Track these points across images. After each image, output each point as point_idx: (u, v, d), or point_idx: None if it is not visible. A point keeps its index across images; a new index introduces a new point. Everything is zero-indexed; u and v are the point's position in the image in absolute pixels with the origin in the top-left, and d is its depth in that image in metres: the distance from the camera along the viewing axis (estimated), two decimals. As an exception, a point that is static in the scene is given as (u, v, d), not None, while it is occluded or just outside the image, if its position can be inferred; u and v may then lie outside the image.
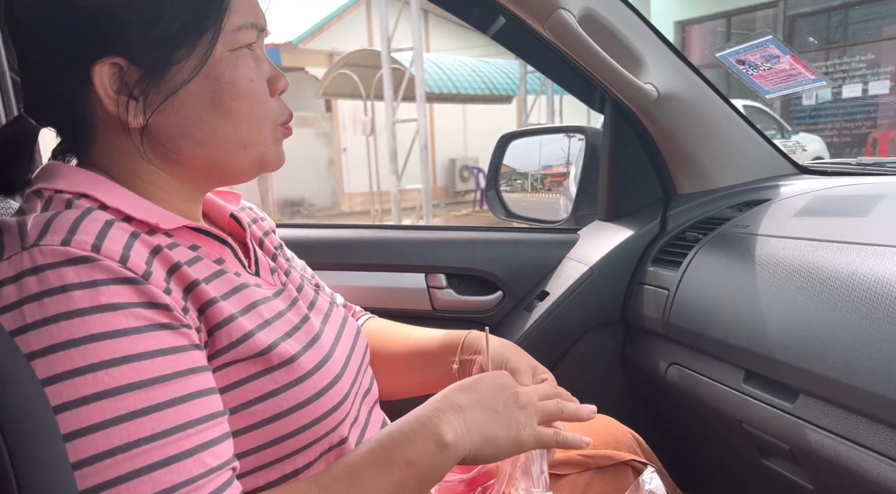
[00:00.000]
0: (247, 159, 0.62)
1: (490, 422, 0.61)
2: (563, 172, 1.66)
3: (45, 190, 0.57)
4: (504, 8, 1.11)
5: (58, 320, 0.46)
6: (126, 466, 0.45)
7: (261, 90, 0.61)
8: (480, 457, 0.61)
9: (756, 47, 1.07)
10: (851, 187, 1.08)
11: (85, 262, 0.48)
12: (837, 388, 0.76)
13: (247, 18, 0.60)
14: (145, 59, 0.56)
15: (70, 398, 0.45)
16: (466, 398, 0.62)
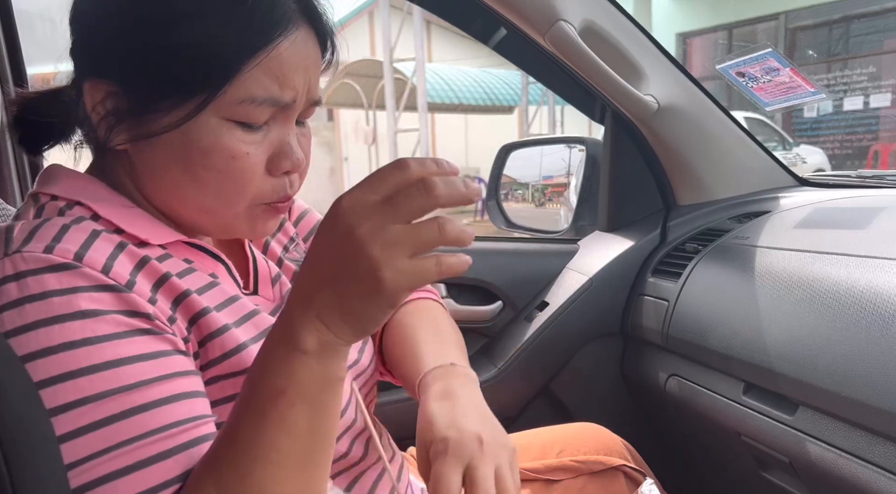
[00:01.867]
0: (209, 223, 0.58)
1: (342, 296, 0.43)
2: (563, 182, 1.67)
3: (41, 195, 0.56)
4: (505, 20, 1.12)
5: (37, 326, 0.46)
6: (106, 467, 0.45)
7: (245, 170, 0.54)
8: (360, 333, 0.45)
9: (756, 60, 1.08)
10: (851, 200, 1.08)
11: (66, 269, 0.48)
12: (837, 401, 0.76)
13: (263, 93, 0.53)
14: (133, 93, 0.54)
15: (53, 405, 0.45)
16: (311, 281, 0.44)
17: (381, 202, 0.41)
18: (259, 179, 0.56)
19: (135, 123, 0.54)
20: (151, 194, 0.58)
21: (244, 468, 0.45)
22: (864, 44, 8.80)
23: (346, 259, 0.42)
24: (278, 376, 0.45)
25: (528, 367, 1.27)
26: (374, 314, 0.43)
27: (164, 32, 0.52)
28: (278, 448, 0.45)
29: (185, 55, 0.51)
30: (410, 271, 0.42)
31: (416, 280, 0.42)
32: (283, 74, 0.53)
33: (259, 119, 0.54)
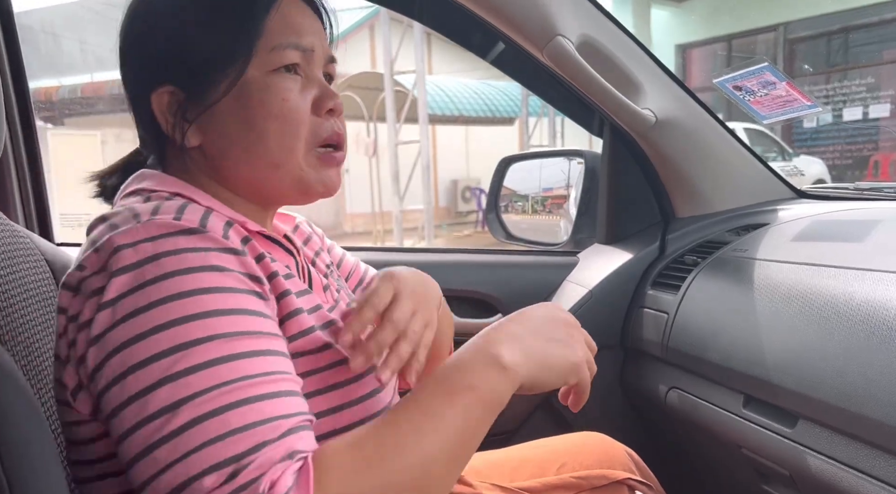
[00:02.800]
0: (282, 181, 0.65)
1: (544, 347, 0.62)
2: (563, 194, 1.67)
3: (142, 191, 0.63)
4: (504, 35, 1.13)
5: (174, 275, 0.52)
6: (220, 401, 0.49)
7: (295, 110, 0.64)
8: (538, 382, 0.60)
9: (752, 74, 1.09)
10: (849, 212, 1.08)
11: (195, 233, 0.55)
12: (836, 414, 0.76)
13: (284, 39, 0.64)
14: (188, 84, 0.63)
15: (183, 341, 0.50)
16: (519, 326, 0.62)
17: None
18: (308, 119, 0.65)
19: (197, 107, 0.63)
20: (230, 172, 0.65)
21: (397, 448, 0.51)
22: (863, 55, 8.84)
23: (557, 331, 0.63)
24: (474, 376, 0.56)
25: (528, 380, 1.27)
26: (558, 370, 0.62)
27: (196, 24, 0.63)
28: (442, 435, 0.53)
29: (217, 33, 0.62)
30: (588, 359, 0.65)
31: (588, 366, 0.64)
32: (293, 24, 0.65)
33: (290, 60, 0.64)
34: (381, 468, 0.50)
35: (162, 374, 0.49)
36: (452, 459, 0.54)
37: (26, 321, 0.72)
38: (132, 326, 0.50)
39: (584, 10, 1.11)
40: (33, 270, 0.78)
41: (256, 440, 0.48)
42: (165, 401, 0.48)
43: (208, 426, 0.48)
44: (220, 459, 0.47)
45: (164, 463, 0.47)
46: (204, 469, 0.47)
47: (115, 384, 0.50)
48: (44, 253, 0.81)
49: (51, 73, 8.67)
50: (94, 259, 0.54)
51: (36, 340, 0.73)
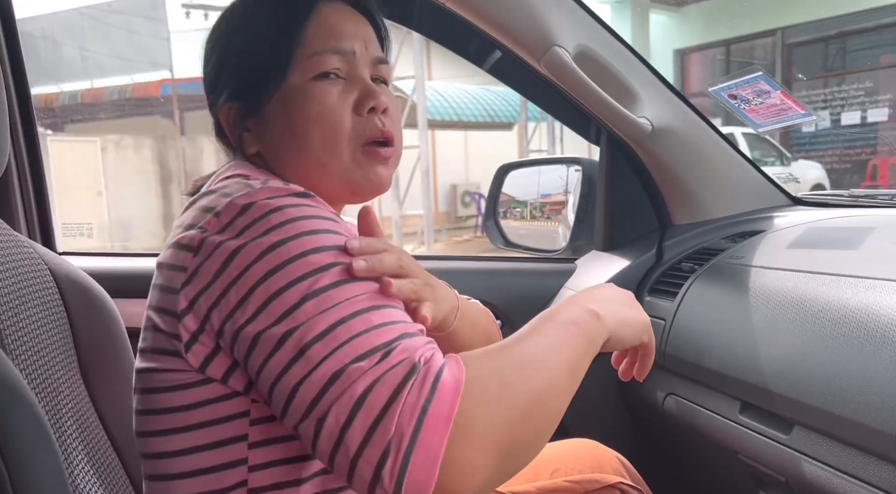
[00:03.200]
0: (331, 181, 0.70)
1: (620, 309, 0.69)
2: (561, 200, 1.68)
3: (238, 176, 0.66)
4: (501, 45, 1.14)
5: (298, 220, 0.57)
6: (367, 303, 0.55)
7: (333, 112, 0.68)
8: (620, 338, 0.67)
9: (747, 82, 1.10)
10: (844, 219, 1.09)
11: (305, 195, 0.61)
12: (831, 420, 0.77)
13: (323, 45, 0.68)
14: (242, 96, 0.69)
15: (318, 265, 0.55)
16: (596, 294, 0.69)
17: None
18: (349, 119, 0.68)
19: (251, 116, 0.69)
20: (285, 174, 0.69)
21: (525, 356, 0.56)
22: (861, 59, 8.87)
23: (629, 299, 0.72)
24: (574, 315, 0.62)
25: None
26: (635, 327, 0.69)
27: (245, 40, 0.70)
28: (560, 358, 0.58)
29: (262, 46, 0.68)
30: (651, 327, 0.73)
31: (652, 330, 0.73)
32: (335, 30, 0.69)
33: (329, 65, 0.68)
34: (518, 371, 0.54)
35: (304, 293, 0.54)
36: (569, 379, 0.59)
37: (30, 330, 0.73)
38: (269, 260, 0.55)
39: (580, 20, 1.12)
40: (37, 280, 0.79)
41: (399, 332, 0.53)
42: (310, 313, 0.53)
43: (353, 324, 0.53)
44: (369, 347, 0.51)
45: (317, 360, 0.51)
46: (356, 356, 0.51)
47: (261, 311, 0.54)
48: (47, 263, 0.82)
49: (51, 79, 8.69)
50: (213, 222, 0.59)
51: (38, 350, 0.74)
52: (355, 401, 0.49)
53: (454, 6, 1.08)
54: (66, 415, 0.76)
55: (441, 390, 0.49)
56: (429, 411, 0.48)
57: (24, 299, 0.74)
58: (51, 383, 0.75)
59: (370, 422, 0.48)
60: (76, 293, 0.84)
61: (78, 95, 9.09)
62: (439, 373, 0.50)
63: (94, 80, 9.19)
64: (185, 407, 0.60)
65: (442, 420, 0.49)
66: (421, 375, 0.50)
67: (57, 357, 0.78)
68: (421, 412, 0.48)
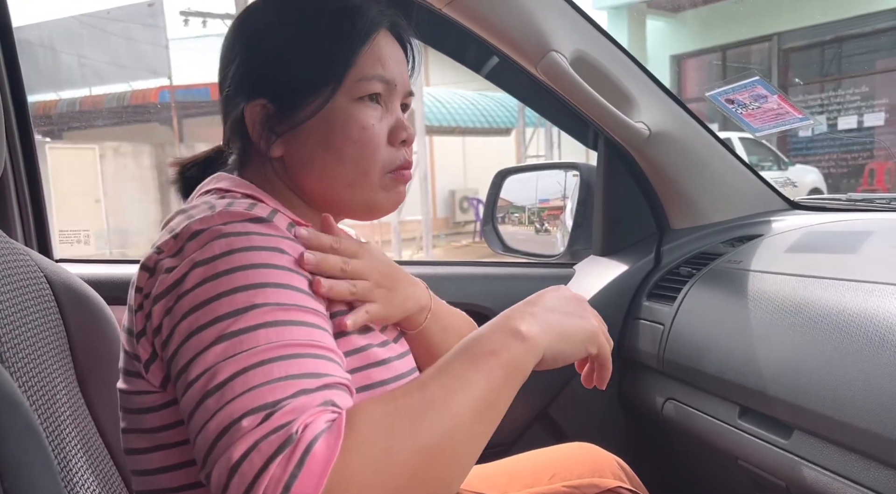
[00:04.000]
0: (353, 198, 0.71)
1: (560, 320, 0.65)
2: (559, 206, 1.68)
3: (218, 190, 0.68)
4: (498, 50, 1.14)
5: (241, 250, 0.57)
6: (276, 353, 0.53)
7: (373, 138, 0.69)
8: (559, 353, 0.64)
9: (744, 87, 1.10)
10: (841, 223, 1.09)
11: (263, 222, 0.61)
12: (830, 424, 0.77)
13: (372, 71, 0.69)
14: (280, 101, 0.69)
15: (241, 306, 0.55)
16: (533, 306, 0.65)
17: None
18: (383, 148, 0.70)
19: (284, 123, 0.69)
20: (305, 184, 0.71)
21: (425, 405, 0.53)
22: (857, 64, 8.90)
23: (571, 306, 0.68)
24: (495, 343, 0.59)
25: (525, 391, 1.25)
26: (576, 341, 0.66)
27: (296, 47, 0.69)
28: (467, 400, 0.55)
29: (314, 58, 0.68)
30: (603, 329, 0.71)
31: (603, 335, 0.70)
32: (383, 58, 0.70)
33: (374, 90, 0.69)
34: (411, 423, 0.51)
35: (219, 334, 0.53)
36: (478, 421, 0.55)
37: (26, 338, 0.73)
38: (199, 294, 0.55)
39: (577, 25, 1.12)
40: (33, 287, 0.78)
41: (295, 388, 0.51)
42: (219, 357, 0.52)
43: (252, 375, 0.51)
44: (258, 403, 0.50)
45: (212, 411, 0.51)
46: (243, 413, 0.50)
47: (182, 346, 0.55)
48: (43, 270, 0.82)
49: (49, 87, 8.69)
50: (171, 244, 0.60)
51: (35, 358, 0.74)
52: (231, 465, 0.48)
53: (451, 12, 1.09)
54: (66, 423, 0.75)
55: (310, 463, 0.47)
56: (292, 488, 0.46)
57: (20, 307, 0.74)
58: (48, 390, 0.74)
59: (242, 490, 0.47)
60: (72, 301, 0.84)
61: (76, 103, 9.08)
62: (309, 446, 0.47)
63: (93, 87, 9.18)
64: (165, 427, 0.61)
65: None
66: (292, 448, 0.48)
67: (54, 365, 0.77)
68: (283, 489, 0.46)
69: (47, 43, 8.47)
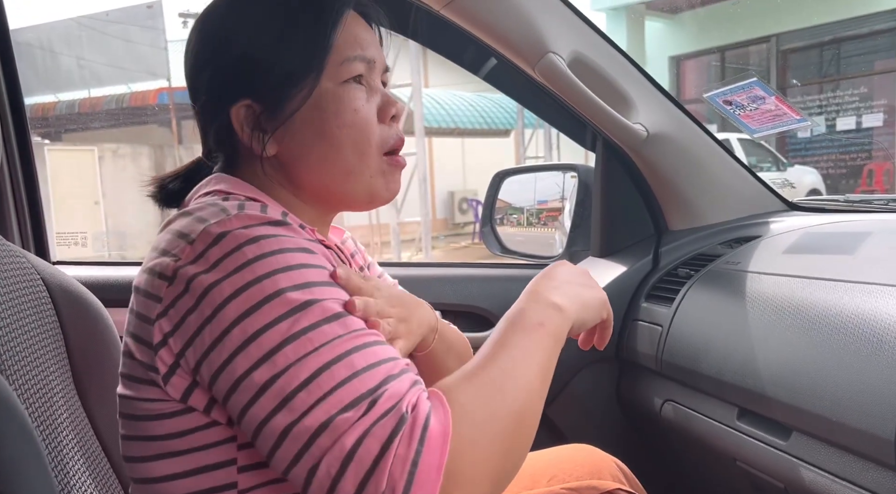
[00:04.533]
0: (354, 188, 0.70)
1: (579, 291, 0.70)
2: (558, 207, 1.68)
3: (218, 192, 0.67)
4: (496, 52, 1.14)
5: (273, 254, 0.56)
6: (349, 344, 0.54)
7: (365, 119, 0.68)
8: (583, 321, 0.70)
9: (742, 89, 1.10)
10: (839, 224, 1.09)
11: (281, 224, 0.60)
12: (828, 426, 0.77)
13: (352, 52, 0.68)
14: (265, 98, 0.67)
15: (296, 305, 0.55)
16: (553, 281, 0.70)
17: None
18: (376, 127, 0.69)
19: (272, 119, 0.67)
20: (303, 179, 0.70)
21: (503, 375, 0.57)
22: (856, 65, 8.91)
23: (581, 277, 0.73)
24: (539, 315, 0.64)
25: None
26: (595, 308, 0.72)
27: (269, 40, 0.67)
28: (534, 367, 0.59)
29: (290, 49, 0.67)
30: (608, 302, 0.75)
31: (610, 307, 0.76)
32: (358, 37, 0.69)
33: (357, 71, 0.68)
34: (500, 392, 0.55)
35: (284, 336, 0.53)
36: (543, 385, 0.60)
37: (23, 340, 0.73)
38: (245, 299, 0.54)
39: (574, 27, 1.12)
40: (29, 289, 0.78)
41: (382, 375, 0.53)
42: (292, 357, 0.53)
43: (336, 370, 0.52)
44: (355, 395, 0.51)
45: (303, 409, 0.51)
46: (343, 406, 0.51)
47: (238, 354, 0.54)
48: (40, 273, 0.82)
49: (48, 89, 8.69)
50: (188, 250, 0.58)
51: (32, 360, 0.73)
52: (346, 454, 0.49)
53: (450, 14, 1.09)
54: (63, 425, 0.75)
55: (430, 440, 0.50)
56: (419, 463, 0.49)
57: (17, 309, 0.74)
58: (45, 393, 0.74)
59: (362, 476, 0.49)
60: (69, 303, 0.83)
61: (75, 105, 9.08)
62: (426, 422, 0.51)
63: (92, 89, 9.18)
64: (175, 435, 0.60)
65: (433, 471, 0.49)
66: (409, 426, 0.50)
67: (51, 368, 0.77)
68: (412, 465, 0.49)
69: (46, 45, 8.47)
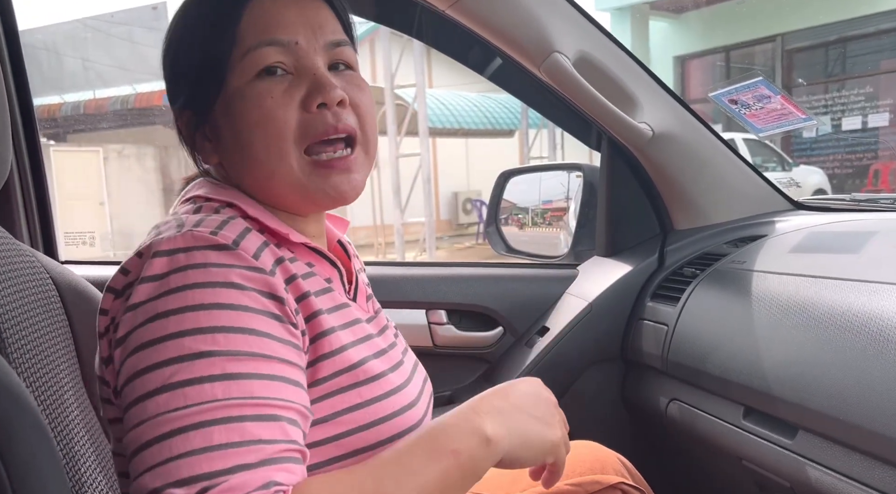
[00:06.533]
0: (281, 189, 0.64)
1: (526, 424, 0.63)
2: (563, 207, 1.68)
3: (197, 198, 0.65)
4: (501, 51, 1.14)
5: (194, 287, 0.54)
6: (211, 415, 0.50)
7: (273, 114, 0.61)
8: (517, 459, 0.62)
9: (747, 88, 1.10)
10: (845, 223, 1.09)
11: (226, 249, 0.56)
12: (835, 425, 0.76)
13: (256, 40, 0.62)
14: (191, 103, 0.65)
15: (188, 353, 0.52)
16: (504, 402, 0.64)
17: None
18: (295, 118, 0.62)
19: (202, 123, 0.65)
20: (244, 186, 0.66)
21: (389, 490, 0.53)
22: (861, 65, 8.88)
23: (539, 410, 0.65)
24: (459, 442, 0.58)
25: (529, 393, 1.27)
26: (537, 449, 0.64)
27: (183, 42, 0.65)
28: (427, 490, 0.55)
29: (198, 48, 0.64)
30: (565, 441, 0.68)
31: (565, 448, 0.68)
32: (271, 20, 0.63)
33: (268, 60, 0.62)
34: None
35: (163, 382, 0.51)
36: None
37: (33, 338, 0.73)
38: (148, 331, 0.53)
39: (580, 26, 1.13)
40: (39, 288, 0.79)
41: (234, 461, 0.49)
42: (160, 408, 0.50)
43: (191, 437, 0.49)
44: (194, 473, 0.48)
45: (147, 465, 0.49)
46: (178, 480, 0.48)
47: (127, 385, 0.53)
48: (49, 271, 0.82)
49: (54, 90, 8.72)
50: (135, 263, 0.57)
51: (42, 358, 0.74)
52: None
53: (454, 14, 1.09)
54: (75, 422, 0.75)
55: None
56: None
57: (27, 308, 0.74)
58: (56, 390, 0.74)
59: None
60: (78, 302, 0.84)
61: (81, 106, 9.12)
62: None
63: (97, 90, 9.22)
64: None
65: None
66: None
67: (61, 366, 0.78)
68: None
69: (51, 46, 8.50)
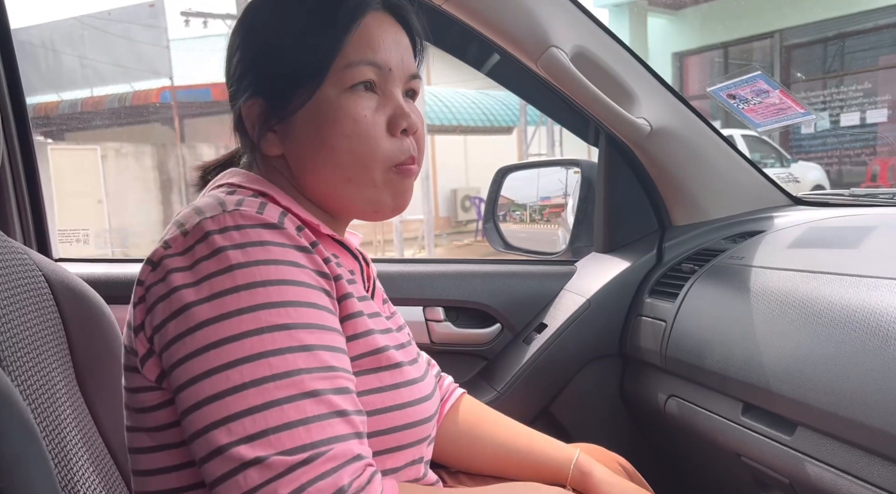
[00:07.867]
0: (354, 196, 0.67)
1: None
2: (561, 203, 1.67)
3: (230, 185, 0.67)
4: (498, 46, 1.13)
5: (259, 264, 0.56)
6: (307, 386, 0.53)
7: (367, 130, 0.65)
8: None
9: (746, 82, 1.09)
10: (844, 219, 1.09)
11: (275, 228, 0.59)
12: (834, 421, 0.76)
13: (360, 57, 0.65)
14: (271, 96, 0.66)
15: (266, 325, 0.54)
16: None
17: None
18: (383, 139, 0.66)
19: (278, 119, 0.66)
20: (306, 182, 0.68)
21: None
22: (859, 61, 8.87)
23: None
24: None
25: (527, 389, 1.27)
26: None
27: (283, 39, 0.66)
28: None
29: (300, 49, 0.65)
30: None
31: None
32: (374, 41, 0.66)
33: (364, 77, 0.65)
34: None
35: (246, 353, 0.52)
36: None
37: (25, 337, 0.72)
38: (219, 305, 0.54)
39: (577, 21, 1.12)
40: (31, 286, 0.78)
41: (330, 432, 0.52)
42: (247, 377, 0.52)
43: (286, 410, 0.51)
44: (297, 443, 0.51)
45: (242, 435, 0.50)
46: (283, 450, 0.50)
47: (196, 356, 0.53)
48: (42, 270, 0.82)
49: (51, 88, 8.70)
50: (180, 241, 0.58)
51: (33, 357, 0.73)
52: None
53: (451, 9, 1.08)
54: (67, 422, 0.75)
55: None
56: None
57: (19, 306, 0.74)
58: (48, 389, 0.74)
59: None
60: (71, 300, 0.83)
61: (78, 104, 9.10)
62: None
63: (94, 88, 9.20)
64: (166, 426, 0.60)
65: None
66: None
67: (53, 365, 0.77)
68: None
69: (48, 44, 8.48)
